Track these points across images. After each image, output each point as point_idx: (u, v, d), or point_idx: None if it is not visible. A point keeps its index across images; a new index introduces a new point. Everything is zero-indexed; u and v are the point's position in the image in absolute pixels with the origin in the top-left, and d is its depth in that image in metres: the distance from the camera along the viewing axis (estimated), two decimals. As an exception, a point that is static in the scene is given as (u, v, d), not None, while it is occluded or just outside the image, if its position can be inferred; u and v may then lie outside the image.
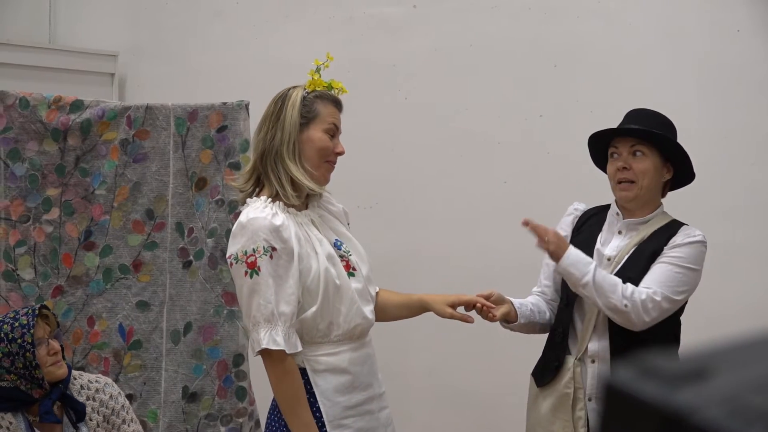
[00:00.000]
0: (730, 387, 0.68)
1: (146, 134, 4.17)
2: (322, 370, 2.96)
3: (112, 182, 4.16)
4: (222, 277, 4.10)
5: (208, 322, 4.13)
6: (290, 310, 2.85)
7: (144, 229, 4.17)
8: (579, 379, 3.29)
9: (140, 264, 4.17)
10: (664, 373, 0.69)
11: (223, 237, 4.09)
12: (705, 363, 0.70)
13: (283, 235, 2.86)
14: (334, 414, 2.95)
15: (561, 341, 3.35)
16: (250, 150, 4.12)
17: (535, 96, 4.82)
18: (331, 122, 3.01)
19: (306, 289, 2.90)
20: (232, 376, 4.12)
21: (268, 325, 2.84)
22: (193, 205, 4.14)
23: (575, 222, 3.46)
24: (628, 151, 3.27)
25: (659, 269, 3.21)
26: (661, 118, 3.33)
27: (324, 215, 3.09)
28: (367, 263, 3.14)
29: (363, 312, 3.01)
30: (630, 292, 3.12)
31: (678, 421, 0.66)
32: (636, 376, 0.70)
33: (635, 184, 3.27)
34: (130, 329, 4.17)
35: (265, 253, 2.83)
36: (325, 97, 3.03)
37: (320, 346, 2.96)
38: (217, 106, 4.14)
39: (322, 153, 2.98)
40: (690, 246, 3.24)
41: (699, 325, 3.42)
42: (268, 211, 2.88)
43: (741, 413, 0.65)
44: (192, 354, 4.14)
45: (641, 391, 0.68)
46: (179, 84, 5.47)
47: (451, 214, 4.98)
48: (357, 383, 3.01)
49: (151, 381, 4.17)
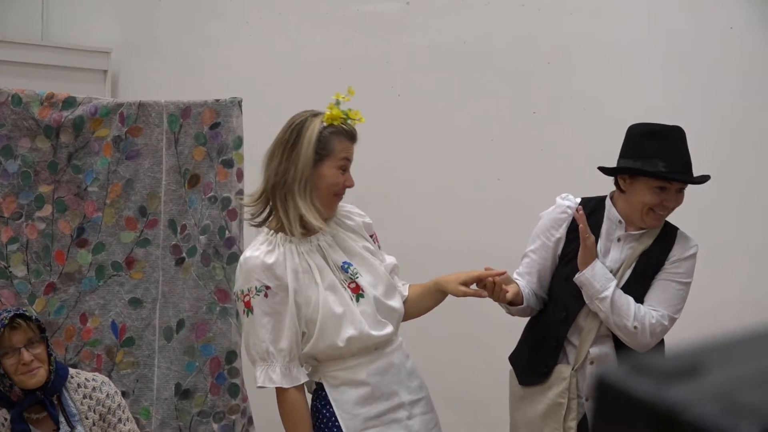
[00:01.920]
0: (722, 384, 0.68)
1: (139, 131, 4.16)
2: (338, 384, 3.00)
3: (105, 179, 4.15)
4: (215, 274, 4.09)
5: (200, 319, 4.12)
6: (289, 345, 2.92)
7: (137, 226, 4.16)
8: (574, 389, 3.29)
9: (133, 261, 4.17)
10: (657, 370, 0.69)
11: (215, 234, 4.08)
12: (697, 360, 0.70)
13: (277, 272, 2.90)
14: (354, 426, 2.99)
15: (554, 349, 3.34)
16: (242, 147, 4.12)
17: (529, 93, 4.82)
18: (344, 157, 3.01)
19: (308, 320, 2.96)
20: (224, 373, 4.11)
21: (264, 363, 2.93)
22: (185, 202, 4.14)
23: (569, 223, 3.38)
24: (677, 189, 3.24)
25: (663, 288, 3.26)
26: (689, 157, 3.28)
27: (337, 235, 3.09)
28: (385, 279, 3.13)
29: (370, 334, 3.01)
30: (642, 315, 3.17)
31: (670, 417, 0.66)
32: (628, 373, 0.70)
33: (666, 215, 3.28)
34: (122, 326, 4.16)
35: (258, 293, 2.90)
36: (342, 133, 3.01)
37: (335, 362, 3.01)
38: (210, 103, 4.14)
39: (332, 189, 3.01)
40: (688, 260, 3.29)
41: (694, 324, 3.42)
42: (263, 249, 2.93)
43: (733, 410, 0.65)
44: (185, 351, 4.14)
45: (633, 387, 0.68)
46: (172, 81, 5.46)
47: (444, 211, 4.97)
48: (378, 393, 3.03)
49: (143, 378, 4.17)
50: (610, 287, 3.17)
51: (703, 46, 4.51)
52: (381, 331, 3.04)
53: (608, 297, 3.16)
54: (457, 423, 4.97)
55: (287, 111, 3.20)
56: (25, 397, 3.36)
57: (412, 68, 5.04)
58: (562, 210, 3.41)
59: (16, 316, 3.36)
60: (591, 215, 3.35)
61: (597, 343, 3.28)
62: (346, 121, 3.03)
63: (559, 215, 3.42)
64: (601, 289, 3.17)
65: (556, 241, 3.39)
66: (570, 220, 3.38)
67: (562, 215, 3.41)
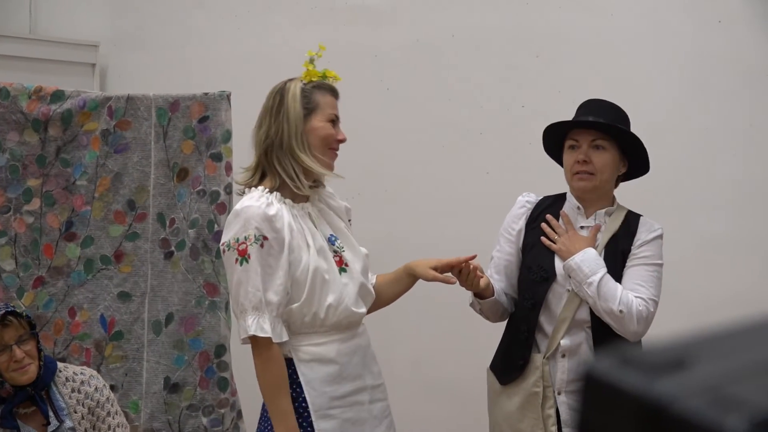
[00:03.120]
0: (710, 377, 0.68)
1: (127, 125, 4.15)
2: (308, 359, 2.97)
3: (93, 173, 4.14)
4: (203, 268, 4.09)
5: (189, 313, 4.12)
6: (278, 300, 2.87)
7: (125, 219, 4.15)
8: (548, 377, 3.29)
9: (122, 255, 4.16)
10: (644, 363, 0.69)
11: (204, 228, 4.07)
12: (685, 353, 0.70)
13: (276, 224, 2.88)
14: (320, 404, 2.95)
15: (526, 339, 3.35)
16: (231, 141, 4.11)
17: (517, 86, 4.81)
18: (331, 112, 3.04)
19: (295, 281, 2.92)
20: (213, 366, 4.11)
21: (256, 312, 2.87)
22: (174, 196, 4.13)
23: (529, 215, 3.43)
24: (589, 144, 3.26)
25: (637, 273, 3.26)
26: (618, 111, 3.33)
27: (323, 209, 3.11)
28: (363, 260, 3.15)
29: (350, 308, 3.01)
30: (629, 300, 3.17)
31: (657, 410, 0.65)
32: (615, 366, 0.70)
33: (594, 176, 3.26)
34: (111, 320, 4.15)
35: (255, 242, 2.85)
36: (323, 87, 3.05)
37: (307, 336, 2.97)
38: (198, 97, 4.13)
39: (326, 141, 3.02)
40: (654, 242, 3.30)
41: (683, 317, 3.44)
42: (263, 201, 2.90)
43: (720, 402, 0.64)
44: (174, 345, 4.13)
45: (620, 380, 0.68)
46: (160, 74, 5.44)
47: (433, 205, 4.97)
48: (345, 374, 3.02)
49: (132, 372, 4.16)
50: (599, 272, 3.18)
51: (691, 39, 4.51)
52: (358, 309, 3.06)
53: (595, 282, 3.16)
54: (445, 416, 4.97)
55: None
56: (15, 393, 3.35)
57: (401, 62, 5.03)
58: (521, 205, 3.47)
59: (7, 313, 3.35)
60: (549, 207, 3.41)
61: (570, 333, 3.27)
62: (324, 78, 3.06)
63: (518, 210, 3.47)
64: (590, 273, 3.18)
65: (518, 233, 3.43)
66: (529, 212, 3.43)
67: (521, 210, 3.46)
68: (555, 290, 3.30)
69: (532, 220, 3.42)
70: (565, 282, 3.28)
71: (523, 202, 3.47)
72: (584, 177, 3.27)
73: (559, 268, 3.29)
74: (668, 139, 3.31)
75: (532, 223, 3.41)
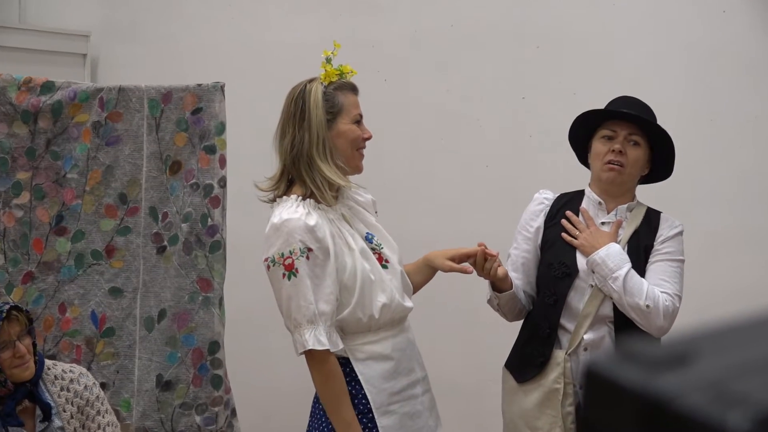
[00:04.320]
0: (712, 372, 0.68)
1: (119, 116, 4.14)
2: (364, 358, 3.01)
3: (84, 166, 4.13)
4: (197, 263, 4.08)
5: (182, 308, 4.11)
6: (330, 309, 2.92)
7: (117, 213, 4.15)
8: (569, 374, 3.30)
9: (113, 249, 4.15)
10: (645, 359, 0.69)
11: (198, 222, 4.07)
12: (687, 348, 0.70)
13: (318, 234, 2.90)
14: (381, 401, 3.00)
15: (548, 336, 3.36)
16: (225, 133, 4.10)
17: (518, 77, 4.81)
18: (356, 112, 3.07)
19: (343, 286, 2.96)
20: (207, 364, 4.11)
21: (311, 326, 2.91)
22: (167, 189, 4.12)
23: (547, 212, 3.47)
24: (625, 137, 3.30)
25: (661, 269, 3.30)
26: (651, 111, 3.38)
27: (353, 207, 3.14)
28: (397, 252, 3.19)
29: (401, 304, 3.07)
30: (655, 295, 3.21)
31: (658, 406, 0.66)
32: (616, 361, 0.70)
33: (624, 169, 3.32)
34: (102, 316, 4.15)
35: (302, 255, 2.88)
36: (344, 87, 3.08)
37: (362, 335, 3.03)
38: (191, 88, 4.12)
39: (354, 143, 3.06)
40: (676, 238, 3.35)
41: (688, 311, 3.44)
42: (302, 211, 2.93)
43: (723, 398, 0.64)
44: (166, 341, 4.13)
45: (621, 376, 0.68)
46: (153, 65, 5.43)
47: (432, 199, 4.97)
48: (400, 368, 3.07)
49: (124, 369, 4.16)
50: (624, 267, 3.21)
51: (695, 30, 4.51)
52: (406, 303, 3.11)
53: (620, 276, 3.19)
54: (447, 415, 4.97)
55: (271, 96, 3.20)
56: (15, 390, 3.35)
57: (399, 52, 5.03)
58: (539, 202, 3.52)
59: (12, 308, 3.35)
60: (568, 203, 3.46)
61: (593, 328, 3.30)
62: (342, 76, 3.06)
63: (536, 207, 3.52)
64: (615, 268, 3.21)
65: (536, 231, 3.47)
66: (548, 209, 3.48)
67: (539, 206, 3.51)
68: (577, 286, 3.33)
69: (550, 218, 3.46)
70: (587, 277, 3.31)
71: (540, 199, 3.52)
72: (615, 167, 3.31)
73: (582, 264, 3.32)
74: (672, 131, 3.32)
75: (551, 220, 3.45)
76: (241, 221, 4.51)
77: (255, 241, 4.22)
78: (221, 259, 4.05)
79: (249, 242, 4.32)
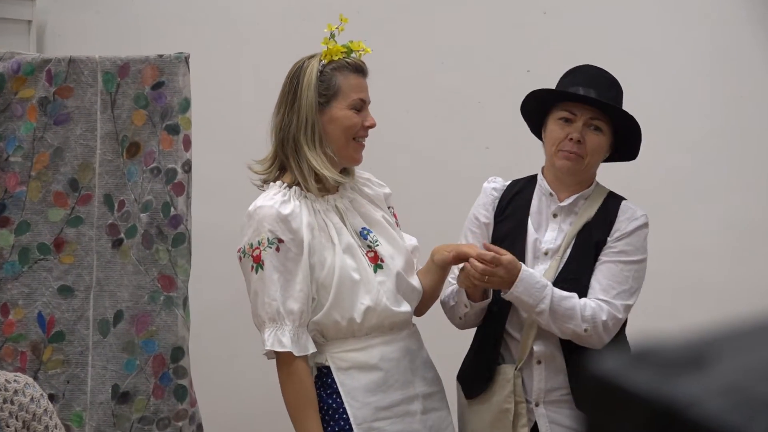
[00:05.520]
0: (734, 375, 0.68)
1: (69, 92, 4.13)
2: (347, 367, 3.03)
3: (30, 147, 4.13)
4: (158, 258, 4.08)
5: (141, 310, 4.11)
6: (299, 308, 2.94)
7: (67, 202, 4.14)
8: (520, 391, 3.28)
9: (63, 243, 4.15)
10: (657, 361, 0.69)
11: (159, 211, 4.06)
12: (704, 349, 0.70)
13: (292, 225, 2.93)
14: (364, 416, 3.01)
15: (493, 347, 3.35)
16: (190, 111, 4.10)
17: (522, 48, 4.82)
18: (355, 96, 3.06)
19: (320, 284, 2.98)
20: (170, 372, 4.11)
21: (273, 324, 2.95)
22: (124, 175, 4.12)
23: (496, 205, 3.44)
24: (585, 122, 3.27)
25: (609, 271, 3.25)
26: (616, 86, 3.33)
27: (355, 199, 3.15)
28: (405, 253, 3.20)
29: (390, 308, 3.06)
30: (590, 314, 3.16)
31: (673, 414, 0.66)
32: (625, 364, 0.71)
33: (582, 160, 3.27)
34: (50, 319, 4.15)
35: (270, 246, 2.91)
36: (345, 68, 3.08)
37: (345, 341, 3.04)
38: (152, 59, 4.12)
39: (348, 132, 3.06)
40: (635, 234, 3.28)
41: (708, 308, 3.45)
42: (278, 198, 2.96)
43: (746, 404, 0.65)
44: (123, 347, 4.12)
45: (630, 380, 0.68)
46: (108, 33, 5.41)
47: (425, 185, 4.97)
48: (391, 381, 3.08)
49: (75, 379, 4.15)
50: (545, 299, 3.14)
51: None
52: (400, 308, 3.10)
53: (545, 310, 3.14)
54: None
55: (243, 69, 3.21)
56: None
57: (388, 20, 5.02)
58: (487, 194, 3.48)
59: None
60: (519, 194, 3.42)
61: (541, 337, 3.27)
62: (349, 54, 3.06)
63: (484, 199, 3.48)
64: (535, 303, 3.15)
65: (484, 227, 3.43)
66: (496, 201, 3.43)
67: (487, 199, 3.47)
68: None
69: (500, 211, 3.42)
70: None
71: (489, 191, 3.47)
72: (571, 157, 3.27)
73: (530, 267, 3.27)
74: (689, 109, 3.32)
75: (501, 213, 3.41)
76: (209, 211, 4.52)
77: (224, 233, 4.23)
78: (186, 254, 4.05)
79: (217, 234, 4.33)
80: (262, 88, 4.51)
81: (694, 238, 3.53)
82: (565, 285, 3.25)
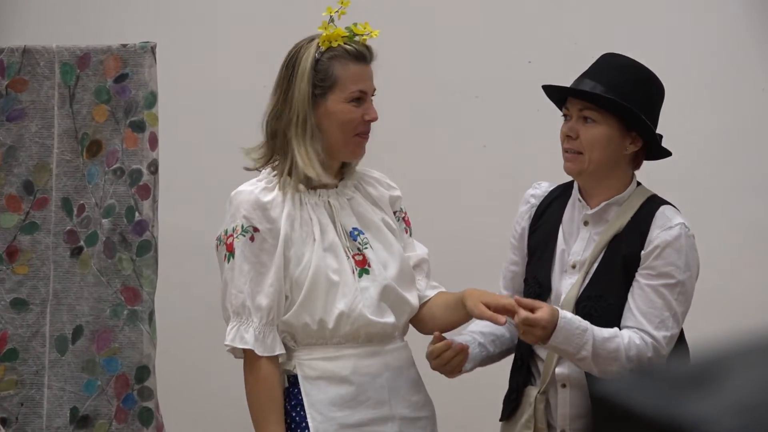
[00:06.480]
0: (747, 394, 0.69)
1: (23, 85, 4.13)
2: (315, 377, 3.04)
3: (-20, 146, 4.13)
4: (121, 268, 4.08)
5: (103, 325, 4.11)
6: (268, 304, 2.95)
7: (21, 206, 4.14)
8: (541, 416, 3.29)
9: (16, 251, 4.15)
10: (664, 379, 0.70)
11: (122, 217, 4.06)
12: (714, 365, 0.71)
13: (271, 213, 2.95)
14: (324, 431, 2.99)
15: (519, 368, 3.37)
16: (156, 106, 4.10)
17: (522, 37, 4.83)
18: (355, 88, 3.06)
19: (294, 281, 2.99)
20: (134, 394, 4.11)
21: (238, 318, 2.98)
22: (84, 176, 4.12)
23: (533, 213, 3.43)
24: (577, 115, 3.27)
25: (648, 296, 3.19)
26: (632, 73, 3.29)
27: (354, 198, 3.14)
28: (400, 261, 3.17)
29: (367, 317, 3.05)
30: (635, 354, 3.12)
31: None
32: (630, 384, 0.71)
33: (582, 156, 3.24)
34: (2, 335, 4.14)
35: (243, 233, 2.94)
36: (345, 56, 3.06)
37: (316, 348, 3.04)
38: (114, 49, 4.12)
39: (345, 127, 3.05)
40: (672, 248, 3.20)
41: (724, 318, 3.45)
42: (260, 185, 2.96)
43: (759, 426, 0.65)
44: (83, 366, 4.12)
45: (634, 399, 0.69)
46: (66, 20, 5.41)
47: (418, 185, 4.97)
48: (362, 398, 3.07)
49: (30, 401, 4.15)
50: (586, 344, 3.10)
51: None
52: (381, 318, 3.08)
53: (588, 356, 3.12)
54: None
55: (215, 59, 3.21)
56: None
57: (380, 7, 5.02)
58: (525, 201, 3.47)
59: None
60: (555, 200, 3.40)
61: (564, 360, 3.26)
62: (351, 39, 3.05)
63: (522, 208, 3.48)
64: (576, 351, 3.12)
65: (521, 237, 3.44)
66: (533, 210, 3.42)
67: (524, 207, 3.47)
68: None
69: (536, 219, 3.41)
70: (559, 299, 3.27)
71: (527, 198, 3.47)
72: (570, 157, 3.26)
73: (555, 282, 3.28)
74: (706, 102, 3.33)
75: (537, 222, 3.40)
76: (177, 216, 4.52)
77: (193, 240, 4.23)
78: (152, 264, 4.05)
79: (186, 242, 4.33)
80: (237, 81, 4.51)
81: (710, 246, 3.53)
82: (588, 303, 3.24)
